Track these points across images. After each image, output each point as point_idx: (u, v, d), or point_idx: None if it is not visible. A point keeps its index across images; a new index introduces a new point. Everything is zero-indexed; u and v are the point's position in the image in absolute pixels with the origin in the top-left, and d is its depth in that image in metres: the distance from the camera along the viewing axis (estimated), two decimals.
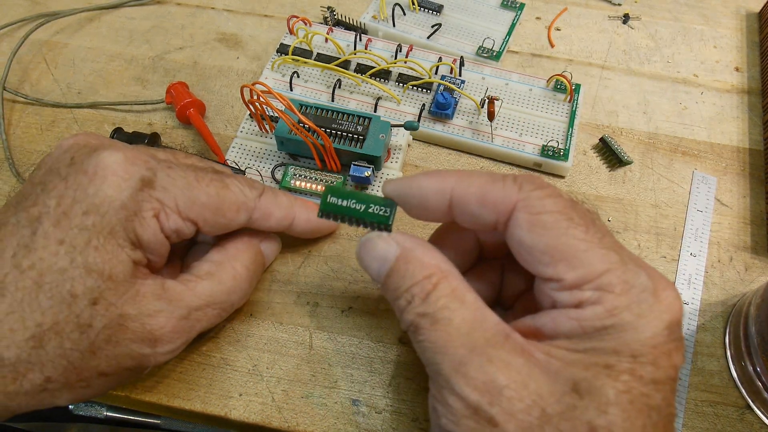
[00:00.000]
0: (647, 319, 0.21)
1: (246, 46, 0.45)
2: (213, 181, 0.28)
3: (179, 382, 0.31)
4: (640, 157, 0.40)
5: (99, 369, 0.24)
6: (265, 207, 0.30)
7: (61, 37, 0.46)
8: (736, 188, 0.39)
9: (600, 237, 0.22)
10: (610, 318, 0.21)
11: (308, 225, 0.32)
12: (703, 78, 0.44)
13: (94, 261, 0.24)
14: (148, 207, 0.26)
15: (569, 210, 0.22)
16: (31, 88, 0.42)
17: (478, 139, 0.39)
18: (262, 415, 0.30)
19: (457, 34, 0.45)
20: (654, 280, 0.22)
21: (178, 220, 0.27)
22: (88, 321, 0.24)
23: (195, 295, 0.27)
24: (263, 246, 0.32)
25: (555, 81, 0.41)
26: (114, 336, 0.24)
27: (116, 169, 0.25)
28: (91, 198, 0.24)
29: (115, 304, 0.24)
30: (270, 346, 0.32)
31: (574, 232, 0.22)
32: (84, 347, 0.24)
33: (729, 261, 0.36)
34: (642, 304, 0.21)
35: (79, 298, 0.23)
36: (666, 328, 0.21)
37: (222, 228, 0.29)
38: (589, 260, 0.21)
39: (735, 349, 0.32)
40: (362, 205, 0.26)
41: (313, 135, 0.34)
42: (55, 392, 0.24)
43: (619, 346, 0.20)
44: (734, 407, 0.31)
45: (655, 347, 0.21)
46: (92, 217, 0.24)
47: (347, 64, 0.42)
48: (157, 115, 0.41)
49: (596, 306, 0.21)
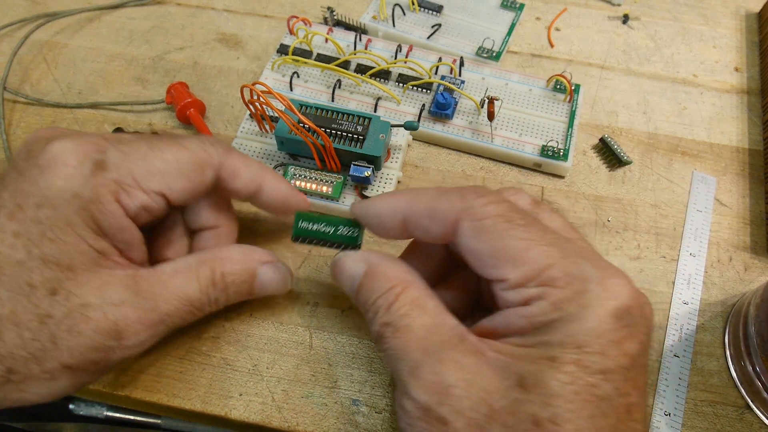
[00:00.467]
0: (591, 309, 0.21)
1: (246, 47, 0.45)
2: (169, 146, 0.27)
3: (179, 382, 0.31)
4: (639, 157, 0.40)
5: (62, 360, 0.24)
6: (231, 164, 0.28)
7: (61, 38, 0.46)
8: (736, 188, 0.39)
9: (541, 235, 0.22)
10: (556, 311, 0.21)
11: (277, 193, 0.30)
12: (702, 78, 0.44)
13: (51, 252, 0.24)
14: (106, 191, 0.25)
15: (509, 212, 0.23)
16: (32, 89, 0.42)
17: (478, 139, 0.39)
18: (262, 415, 0.30)
19: (457, 35, 0.45)
20: (600, 270, 0.22)
21: (141, 195, 0.26)
22: (47, 311, 0.23)
23: (166, 289, 0.26)
24: (263, 269, 0.29)
25: (555, 81, 0.41)
26: (75, 326, 0.24)
27: (65, 158, 0.25)
28: (42, 190, 0.24)
29: (75, 293, 0.24)
30: (270, 346, 0.32)
31: (515, 233, 0.22)
32: (45, 338, 0.23)
33: (728, 261, 0.36)
34: (585, 294, 0.21)
35: (38, 288, 0.23)
36: (612, 316, 0.21)
37: (191, 193, 0.27)
38: (530, 258, 0.22)
39: (734, 349, 0.32)
40: (332, 228, 0.29)
41: (313, 135, 0.34)
42: (21, 384, 0.24)
43: (564, 338, 0.21)
44: (734, 407, 0.31)
45: (600, 336, 0.20)
46: (45, 210, 0.24)
47: (347, 64, 0.42)
48: (157, 115, 0.41)
49: (541, 301, 0.22)
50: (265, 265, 0.29)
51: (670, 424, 0.30)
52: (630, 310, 0.21)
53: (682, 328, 0.33)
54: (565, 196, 0.38)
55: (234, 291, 0.29)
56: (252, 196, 0.30)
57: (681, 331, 0.33)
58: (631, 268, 0.35)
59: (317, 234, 0.29)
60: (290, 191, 0.31)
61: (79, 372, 0.25)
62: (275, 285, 0.30)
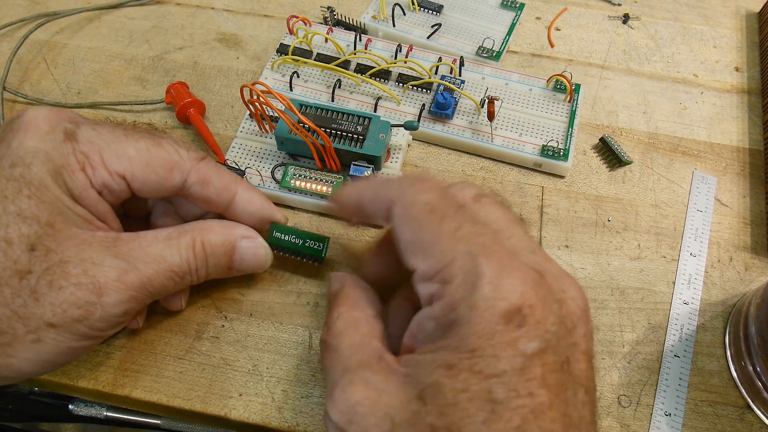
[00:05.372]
0: (479, 310, 0.20)
1: (246, 46, 0.45)
2: (144, 138, 0.28)
3: (179, 382, 0.31)
4: (640, 157, 0.40)
5: (45, 318, 0.24)
6: (203, 172, 0.29)
7: (61, 37, 0.46)
8: (736, 188, 0.39)
9: (455, 228, 0.22)
10: (451, 312, 0.21)
11: (250, 206, 0.30)
12: (702, 78, 0.44)
13: (29, 208, 0.24)
14: (73, 160, 0.26)
15: (437, 202, 0.23)
16: (31, 88, 0.42)
17: (478, 139, 0.39)
18: (262, 415, 0.30)
19: (457, 34, 0.45)
20: (497, 267, 0.21)
21: (104, 174, 0.26)
22: (26, 267, 0.24)
23: (146, 253, 0.26)
24: (242, 242, 0.30)
25: (555, 81, 0.41)
26: (56, 282, 0.24)
27: (39, 122, 0.26)
28: (15, 150, 0.25)
29: (54, 250, 0.24)
30: (270, 346, 0.32)
31: (431, 224, 0.22)
32: (26, 293, 0.24)
33: (729, 261, 0.36)
34: (474, 294, 0.20)
35: (15, 244, 0.24)
36: (502, 317, 0.20)
37: (155, 187, 0.28)
38: (437, 251, 0.22)
39: (735, 349, 0.32)
40: (300, 240, 0.32)
41: (313, 135, 0.34)
42: (7, 348, 0.24)
43: (459, 342, 0.20)
44: (734, 407, 0.31)
45: (491, 338, 0.20)
46: (19, 168, 0.24)
47: (347, 64, 0.42)
48: (157, 115, 0.41)
49: (440, 300, 0.21)
50: (245, 239, 0.30)
51: (670, 425, 0.30)
52: (520, 309, 0.20)
53: (682, 328, 0.33)
54: (565, 196, 0.38)
55: (214, 263, 0.29)
56: (225, 206, 0.30)
57: (681, 332, 0.33)
58: (631, 268, 0.35)
59: (287, 244, 0.31)
60: (264, 203, 0.31)
61: (63, 332, 0.25)
62: (254, 260, 0.30)
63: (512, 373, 0.20)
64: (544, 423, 0.19)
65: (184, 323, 0.32)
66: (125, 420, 0.41)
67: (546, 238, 0.36)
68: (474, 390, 0.20)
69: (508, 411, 0.19)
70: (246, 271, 0.31)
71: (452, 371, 0.20)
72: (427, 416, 0.20)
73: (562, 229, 0.36)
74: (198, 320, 0.32)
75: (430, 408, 0.20)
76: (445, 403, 0.20)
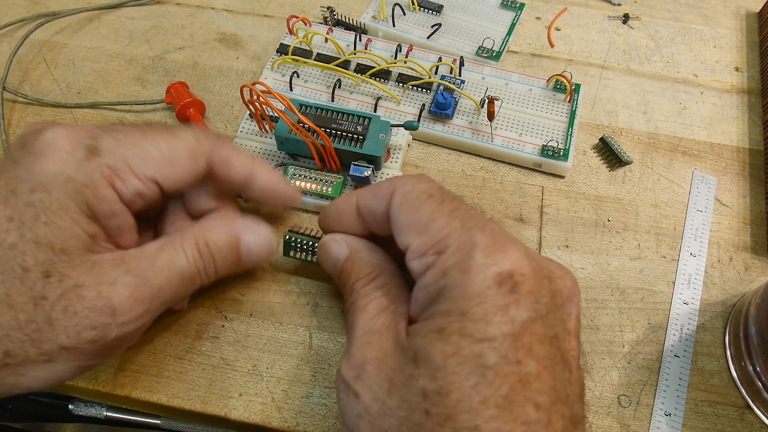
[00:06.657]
0: (472, 274, 0.21)
1: (246, 46, 0.45)
2: (161, 135, 0.28)
3: (179, 382, 0.31)
4: (639, 157, 0.40)
5: (59, 341, 0.24)
6: (223, 153, 0.29)
7: (61, 37, 0.46)
8: (736, 188, 0.39)
9: (452, 209, 0.24)
10: (443, 278, 0.22)
11: (269, 180, 0.31)
12: (702, 78, 0.44)
13: (45, 235, 0.24)
14: (100, 176, 0.25)
15: (433, 189, 0.25)
16: (31, 88, 0.42)
17: (478, 139, 0.39)
18: (262, 415, 0.30)
19: (457, 34, 0.45)
20: (491, 238, 0.22)
21: (135, 182, 0.26)
22: (41, 293, 0.24)
23: (154, 264, 0.27)
24: (246, 235, 0.30)
25: (555, 81, 0.41)
26: (71, 306, 0.24)
27: (58, 144, 0.25)
28: (36, 176, 0.25)
29: (69, 275, 0.24)
30: (270, 346, 0.32)
31: (429, 206, 0.24)
32: (41, 319, 0.24)
33: (729, 261, 0.36)
34: (468, 260, 0.21)
35: (31, 271, 0.24)
36: (495, 281, 0.21)
37: (184, 180, 0.28)
38: (433, 227, 0.23)
39: (735, 349, 0.32)
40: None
41: (313, 135, 0.34)
42: (19, 368, 0.24)
43: (449, 306, 0.21)
44: (734, 407, 0.31)
45: (483, 303, 0.20)
46: (38, 194, 0.24)
47: (347, 64, 0.42)
48: (157, 115, 0.41)
49: (433, 269, 0.22)
50: (248, 231, 0.30)
51: (670, 425, 0.30)
52: (512, 275, 0.21)
53: (682, 328, 0.33)
54: (565, 196, 0.38)
55: (221, 259, 0.29)
56: (245, 184, 0.30)
57: (681, 331, 0.33)
58: (631, 268, 0.35)
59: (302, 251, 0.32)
60: (281, 180, 0.32)
61: (76, 353, 0.25)
62: (261, 249, 0.30)
63: (503, 339, 0.20)
64: (531, 393, 0.20)
65: (184, 323, 0.32)
66: (125, 420, 0.41)
67: (546, 238, 0.36)
68: (464, 354, 0.20)
69: (498, 377, 0.20)
70: (255, 261, 0.31)
71: (443, 334, 0.21)
72: (420, 379, 0.21)
73: (562, 229, 0.36)
74: (198, 320, 0.32)
75: (422, 371, 0.21)
76: (435, 366, 0.20)
